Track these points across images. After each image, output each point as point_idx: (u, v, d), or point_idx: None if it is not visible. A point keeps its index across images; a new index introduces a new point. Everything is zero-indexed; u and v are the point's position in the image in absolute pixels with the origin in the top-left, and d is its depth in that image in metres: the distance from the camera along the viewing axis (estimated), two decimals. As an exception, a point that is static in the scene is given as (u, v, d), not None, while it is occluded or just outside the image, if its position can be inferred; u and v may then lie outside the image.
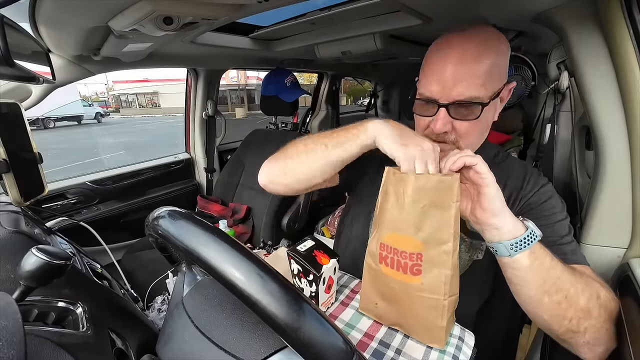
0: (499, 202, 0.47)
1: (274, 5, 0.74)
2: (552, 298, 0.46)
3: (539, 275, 0.46)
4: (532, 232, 0.46)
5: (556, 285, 0.46)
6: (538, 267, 0.46)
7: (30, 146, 0.82)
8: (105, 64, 1.14)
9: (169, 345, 0.45)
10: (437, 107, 0.57)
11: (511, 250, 0.46)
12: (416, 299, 0.51)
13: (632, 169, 0.65)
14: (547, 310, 0.47)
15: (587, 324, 0.46)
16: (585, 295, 0.47)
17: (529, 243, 0.46)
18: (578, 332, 0.47)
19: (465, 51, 0.55)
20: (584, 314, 0.46)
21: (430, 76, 0.58)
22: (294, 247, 0.61)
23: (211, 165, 1.99)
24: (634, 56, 0.58)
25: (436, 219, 0.48)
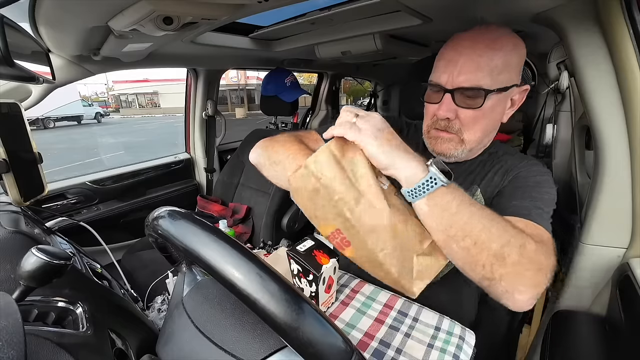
0: (382, 156, 0.47)
1: (274, 5, 0.74)
2: (459, 244, 0.46)
3: (441, 221, 0.47)
4: (432, 179, 0.46)
5: (463, 231, 0.46)
6: (439, 213, 0.47)
7: (30, 146, 0.82)
8: (105, 64, 1.14)
9: (169, 345, 0.45)
10: (443, 93, 0.60)
11: (410, 197, 0.48)
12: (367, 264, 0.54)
13: (632, 169, 0.65)
14: (458, 256, 0.48)
15: (502, 271, 0.45)
16: (501, 241, 0.45)
17: (426, 189, 0.46)
18: (493, 279, 0.45)
19: (474, 44, 0.58)
20: (497, 260, 0.45)
21: (440, 67, 0.62)
22: (294, 247, 0.61)
23: (211, 165, 1.99)
24: (634, 56, 0.58)
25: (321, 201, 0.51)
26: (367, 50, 1.21)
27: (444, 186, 0.46)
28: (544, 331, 0.81)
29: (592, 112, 0.68)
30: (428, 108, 0.66)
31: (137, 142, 9.97)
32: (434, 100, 0.63)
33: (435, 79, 0.62)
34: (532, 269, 0.45)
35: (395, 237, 0.51)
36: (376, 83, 2.75)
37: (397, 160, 0.47)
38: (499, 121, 0.65)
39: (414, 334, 0.57)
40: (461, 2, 0.79)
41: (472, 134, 0.62)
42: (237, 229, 1.61)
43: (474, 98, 0.58)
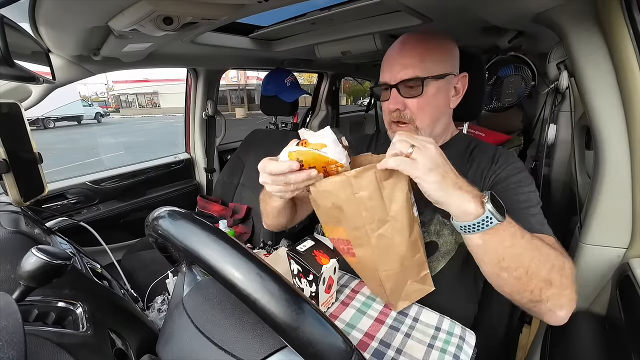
0: (437, 193, 0.47)
1: (274, 5, 0.74)
2: (511, 274, 0.48)
3: (495, 255, 0.48)
4: (488, 218, 0.45)
5: (516, 263, 0.47)
6: (493, 247, 0.48)
7: (30, 146, 0.82)
8: (105, 64, 1.14)
9: (169, 346, 0.45)
10: (389, 88, 0.69)
11: (463, 231, 0.49)
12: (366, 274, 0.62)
13: (632, 169, 0.65)
14: (508, 284, 0.50)
15: (548, 293, 0.48)
16: (547, 266, 0.48)
17: (482, 227, 0.46)
18: (540, 301, 0.49)
19: (405, 43, 0.69)
20: (545, 285, 0.48)
21: (384, 68, 0.71)
22: (294, 247, 0.61)
23: (211, 165, 1.98)
24: (634, 56, 0.58)
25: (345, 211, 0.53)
26: (367, 50, 1.21)
27: (501, 224, 0.46)
28: (544, 331, 0.81)
29: (592, 112, 0.68)
30: (383, 105, 0.74)
31: (137, 142, 9.97)
32: (385, 98, 0.71)
33: (382, 79, 0.71)
34: (571, 286, 0.50)
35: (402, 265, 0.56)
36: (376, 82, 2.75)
37: (453, 199, 0.47)
38: (446, 107, 0.71)
39: (414, 334, 0.57)
40: (461, 2, 0.79)
41: (422, 121, 0.68)
42: (237, 229, 1.61)
43: (414, 87, 0.66)
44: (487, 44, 1.22)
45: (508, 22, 0.93)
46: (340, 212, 0.54)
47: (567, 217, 1.28)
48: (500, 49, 1.26)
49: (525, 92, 1.28)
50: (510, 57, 1.28)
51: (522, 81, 1.26)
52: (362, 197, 0.50)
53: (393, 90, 0.68)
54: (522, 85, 1.27)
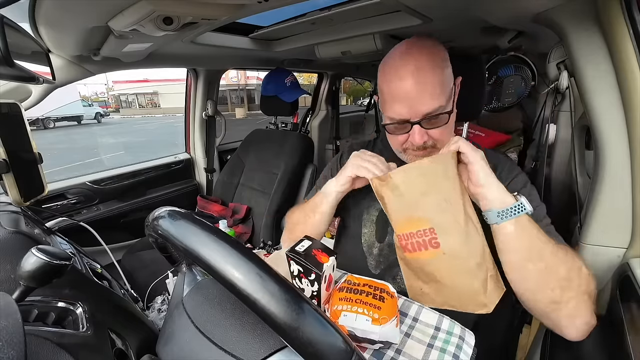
0: (482, 174, 0.55)
1: (274, 5, 0.74)
2: (535, 265, 0.52)
3: (523, 243, 0.53)
4: (521, 205, 0.53)
5: (539, 254, 0.52)
6: (523, 235, 0.53)
7: (30, 146, 0.82)
8: (105, 64, 1.14)
9: (169, 346, 0.45)
10: (410, 125, 0.63)
11: (498, 218, 0.54)
12: (448, 269, 0.58)
13: (632, 169, 0.65)
14: (532, 277, 0.53)
15: (569, 294, 0.50)
16: (567, 265, 0.52)
17: (516, 213, 0.53)
18: (561, 302, 0.50)
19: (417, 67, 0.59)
20: (566, 283, 0.51)
21: (393, 98, 0.63)
22: (292, 248, 0.61)
23: (211, 165, 1.99)
24: (634, 56, 0.57)
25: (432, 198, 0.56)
26: (367, 50, 1.21)
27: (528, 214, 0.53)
28: (544, 331, 0.81)
29: (592, 112, 0.68)
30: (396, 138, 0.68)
31: (137, 142, 9.97)
32: (401, 132, 0.66)
33: (396, 115, 0.63)
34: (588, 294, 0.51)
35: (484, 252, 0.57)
36: (376, 83, 2.74)
37: (495, 185, 0.55)
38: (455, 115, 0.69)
39: (414, 333, 0.57)
40: (461, 2, 0.79)
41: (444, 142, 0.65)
42: (237, 229, 1.61)
43: (439, 117, 0.62)
44: (487, 44, 1.22)
45: (508, 22, 0.93)
46: (425, 198, 0.57)
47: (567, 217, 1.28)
48: (500, 49, 1.26)
49: (525, 92, 1.28)
50: (510, 57, 1.28)
51: (522, 81, 1.26)
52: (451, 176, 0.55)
53: (415, 127, 0.63)
54: (522, 85, 1.27)
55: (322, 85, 2.43)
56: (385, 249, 0.75)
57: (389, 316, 0.52)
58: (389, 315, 0.52)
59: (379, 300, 0.55)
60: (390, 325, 0.52)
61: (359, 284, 0.59)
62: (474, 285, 0.56)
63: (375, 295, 0.56)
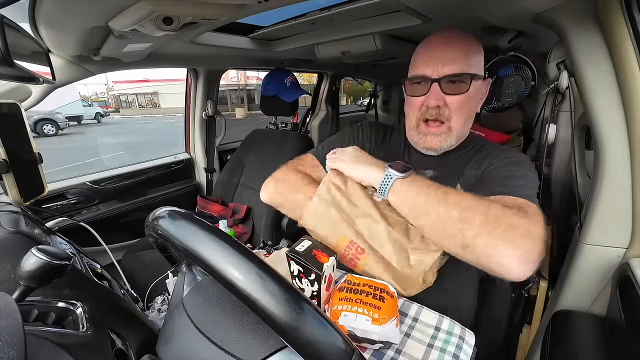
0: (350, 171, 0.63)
1: (274, 5, 0.74)
2: (426, 220, 0.54)
3: (406, 204, 0.57)
4: (388, 176, 0.57)
5: (425, 208, 0.54)
6: (403, 199, 0.57)
7: (30, 146, 0.82)
8: (105, 64, 1.14)
9: (169, 346, 0.45)
10: (430, 83, 0.64)
11: (383, 195, 0.59)
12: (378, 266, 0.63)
13: (632, 169, 0.65)
14: (432, 232, 0.55)
15: (471, 233, 0.49)
16: (460, 207, 0.51)
17: (388, 184, 0.57)
18: (468, 245, 0.49)
19: (448, 38, 0.65)
20: (463, 224, 0.50)
21: (421, 62, 0.66)
22: (292, 248, 0.61)
23: (211, 165, 1.98)
24: (634, 56, 0.58)
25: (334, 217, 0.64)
26: (367, 50, 1.21)
27: (400, 179, 0.57)
28: (544, 331, 0.81)
29: (592, 112, 0.68)
30: (414, 101, 0.69)
31: (137, 142, 9.96)
32: (420, 93, 0.67)
33: (418, 72, 0.66)
34: (501, 227, 0.48)
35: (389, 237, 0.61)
36: (376, 83, 2.75)
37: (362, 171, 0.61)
38: (475, 109, 0.70)
39: (414, 333, 0.57)
40: (461, 2, 0.79)
41: (457, 120, 0.66)
42: (237, 229, 1.61)
43: (461, 83, 0.63)
44: (487, 44, 1.22)
45: (508, 22, 0.93)
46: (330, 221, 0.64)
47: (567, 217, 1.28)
48: (500, 49, 1.26)
49: (525, 92, 1.28)
50: (510, 57, 1.28)
51: (522, 81, 1.26)
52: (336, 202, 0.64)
53: (434, 85, 0.64)
54: (522, 85, 1.26)
55: (322, 85, 2.43)
56: None
57: (389, 316, 0.52)
58: (389, 315, 0.52)
59: (379, 300, 0.55)
60: (390, 325, 0.52)
61: (359, 284, 0.59)
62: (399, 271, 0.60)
63: (375, 295, 0.56)
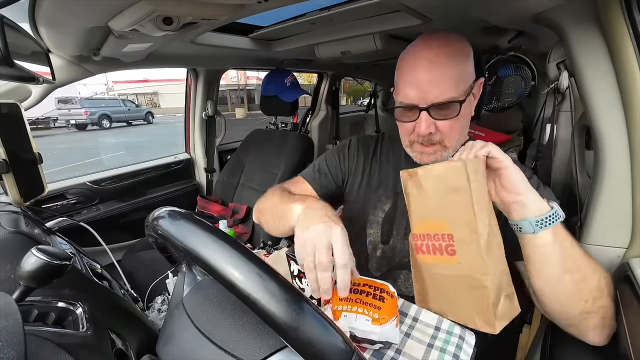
0: (520, 180, 0.50)
1: (274, 5, 0.74)
2: (572, 277, 0.48)
3: (561, 253, 0.49)
4: (557, 212, 0.50)
5: (576, 265, 0.49)
6: (560, 244, 0.49)
7: (30, 146, 0.82)
8: (105, 64, 1.14)
9: (169, 346, 0.45)
10: (418, 111, 0.61)
11: (536, 227, 0.49)
12: (459, 281, 0.53)
13: (632, 169, 0.65)
14: (567, 289, 0.49)
15: (600, 304, 0.48)
16: (597, 275, 0.49)
17: (554, 221, 0.49)
18: (592, 312, 0.48)
19: (434, 56, 0.59)
20: (598, 294, 0.48)
21: (405, 83, 0.63)
22: (292, 248, 0.61)
23: (211, 166, 1.99)
24: (634, 56, 0.57)
25: (457, 202, 0.51)
26: (367, 50, 1.21)
27: (561, 220, 0.50)
28: (544, 331, 0.81)
29: (592, 112, 0.68)
30: (405, 126, 0.67)
31: (137, 142, 9.97)
32: (409, 119, 0.64)
33: (406, 99, 0.62)
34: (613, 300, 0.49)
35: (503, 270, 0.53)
36: (376, 83, 2.75)
37: (531, 190, 0.51)
38: (471, 114, 0.68)
39: (414, 333, 0.57)
40: (461, 2, 0.79)
41: (451, 140, 0.64)
42: (237, 229, 1.61)
43: (448, 109, 0.60)
44: (487, 44, 1.22)
45: (508, 22, 0.93)
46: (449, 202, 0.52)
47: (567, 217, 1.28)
48: (500, 49, 1.26)
49: (525, 92, 1.28)
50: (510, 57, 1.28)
51: (522, 81, 1.26)
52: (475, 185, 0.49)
53: (423, 114, 0.61)
54: (522, 85, 1.26)
55: (322, 85, 2.43)
56: (388, 251, 0.74)
57: (389, 316, 0.52)
58: (389, 315, 0.52)
59: (379, 300, 0.55)
60: (390, 325, 0.52)
61: (359, 284, 0.59)
62: (485, 303, 0.51)
63: (375, 295, 0.56)
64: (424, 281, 0.60)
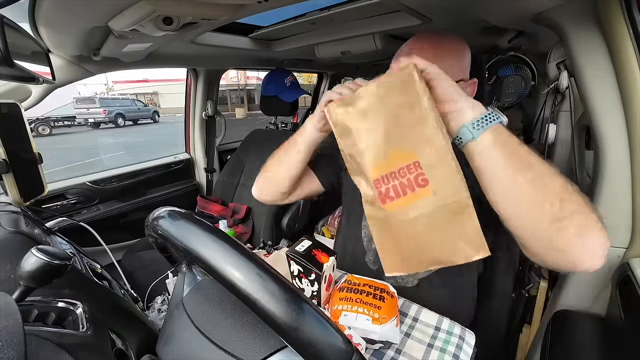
0: (453, 88, 0.47)
1: (274, 5, 0.74)
2: (525, 176, 0.43)
3: (506, 152, 0.44)
4: (493, 113, 0.46)
5: (526, 161, 0.44)
6: (504, 145, 0.44)
7: (30, 146, 0.82)
8: (105, 64, 1.14)
9: (169, 346, 0.45)
10: None
11: (474, 131, 0.45)
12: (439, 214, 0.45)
13: (632, 169, 0.65)
14: (525, 192, 0.43)
15: (572, 208, 0.41)
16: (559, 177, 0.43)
17: (491, 121, 0.45)
18: (564, 218, 0.41)
19: (414, 45, 0.64)
20: (566, 194, 0.42)
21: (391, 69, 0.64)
22: (292, 248, 0.61)
23: (211, 166, 1.99)
24: (634, 56, 0.58)
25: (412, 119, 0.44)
26: (367, 50, 1.21)
27: (502, 124, 0.45)
28: (544, 331, 0.81)
29: (592, 112, 0.68)
30: None
31: (137, 142, 9.97)
32: None
33: None
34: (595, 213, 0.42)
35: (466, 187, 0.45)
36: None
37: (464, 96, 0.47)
38: None
39: (414, 333, 0.57)
40: (461, 2, 0.79)
41: None
42: (237, 229, 1.61)
43: None
44: (487, 44, 1.22)
45: (508, 22, 0.93)
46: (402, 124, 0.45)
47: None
48: (500, 49, 1.26)
49: (525, 92, 1.28)
50: (510, 57, 1.28)
51: (522, 81, 1.26)
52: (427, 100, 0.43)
53: None
54: (522, 85, 1.27)
55: (322, 85, 2.43)
56: None
57: (389, 316, 0.52)
58: (389, 315, 0.52)
59: (379, 300, 0.55)
60: (390, 325, 0.52)
61: (359, 284, 0.59)
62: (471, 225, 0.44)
63: (375, 295, 0.56)
64: (398, 240, 0.49)
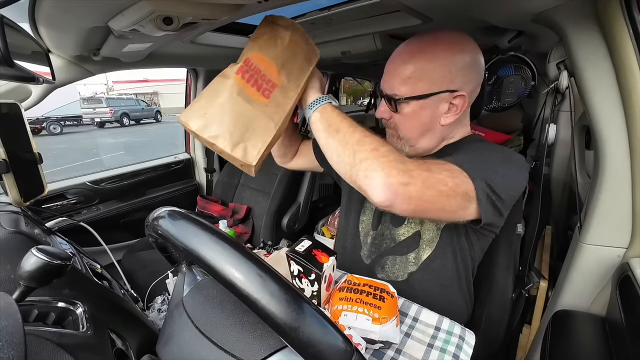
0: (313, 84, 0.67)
1: (274, 5, 0.74)
2: (334, 138, 0.58)
3: (326, 122, 0.60)
4: (324, 97, 0.63)
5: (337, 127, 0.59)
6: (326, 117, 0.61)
7: (30, 146, 0.82)
8: (105, 64, 1.14)
9: (169, 346, 0.45)
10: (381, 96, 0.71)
11: (308, 110, 0.63)
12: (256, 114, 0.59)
13: (632, 169, 0.65)
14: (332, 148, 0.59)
15: (361, 156, 0.54)
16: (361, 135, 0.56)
17: (320, 102, 0.62)
18: (355, 164, 0.54)
19: (399, 53, 0.67)
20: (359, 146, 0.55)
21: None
22: (292, 248, 0.61)
23: (211, 165, 1.99)
24: (634, 56, 0.58)
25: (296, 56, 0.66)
26: (367, 50, 1.21)
27: (331, 103, 0.63)
28: (544, 331, 0.81)
29: (592, 112, 0.68)
30: None
31: (137, 142, 9.97)
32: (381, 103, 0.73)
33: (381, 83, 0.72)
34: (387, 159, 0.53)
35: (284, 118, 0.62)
36: (376, 83, 2.75)
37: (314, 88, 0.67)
38: (432, 124, 0.67)
39: (414, 333, 0.57)
40: (461, 2, 0.79)
41: (404, 132, 0.69)
42: (237, 229, 1.62)
43: (392, 104, 0.67)
44: (487, 44, 1.22)
45: (508, 22, 0.93)
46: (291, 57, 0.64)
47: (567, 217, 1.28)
48: (500, 49, 1.26)
49: (525, 92, 1.28)
50: (510, 57, 1.28)
51: (522, 81, 1.26)
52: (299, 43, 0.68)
53: (382, 100, 0.70)
54: (522, 85, 1.26)
55: (322, 85, 2.43)
56: (377, 237, 0.77)
57: (389, 316, 0.52)
58: (389, 315, 0.53)
59: (379, 300, 0.55)
60: (390, 325, 0.52)
61: (359, 284, 0.59)
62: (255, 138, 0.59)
63: (375, 295, 0.56)
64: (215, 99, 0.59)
